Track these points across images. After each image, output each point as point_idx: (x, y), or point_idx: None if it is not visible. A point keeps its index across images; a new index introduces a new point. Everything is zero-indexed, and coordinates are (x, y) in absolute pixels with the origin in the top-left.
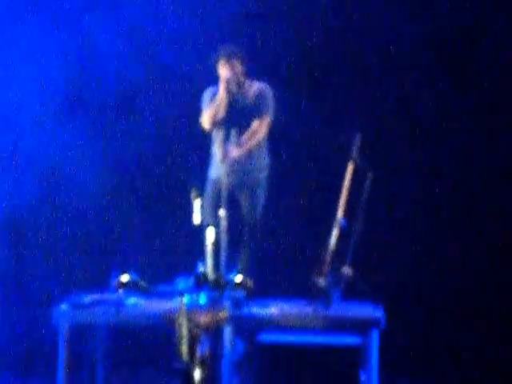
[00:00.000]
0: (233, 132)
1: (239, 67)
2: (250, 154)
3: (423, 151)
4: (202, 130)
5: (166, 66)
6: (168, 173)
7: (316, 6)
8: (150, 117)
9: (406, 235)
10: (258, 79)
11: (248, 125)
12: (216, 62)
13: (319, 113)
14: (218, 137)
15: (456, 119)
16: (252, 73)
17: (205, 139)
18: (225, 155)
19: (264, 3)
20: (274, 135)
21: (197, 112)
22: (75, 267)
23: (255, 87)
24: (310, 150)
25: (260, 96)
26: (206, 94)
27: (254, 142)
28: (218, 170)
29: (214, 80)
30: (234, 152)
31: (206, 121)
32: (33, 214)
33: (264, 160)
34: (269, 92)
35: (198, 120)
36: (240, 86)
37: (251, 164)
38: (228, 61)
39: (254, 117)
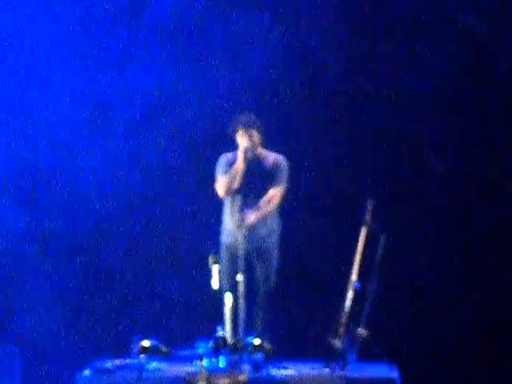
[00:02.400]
0: (249, 200)
1: (257, 137)
2: (263, 221)
3: (434, 214)
4: (216, 196)
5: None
6: (186, 238)
7: (329, 71)
8: (171, 183)
9: (419, 296)
10: (275, 143)
11: (263, 193)
12: (235, 130)
13: (333, 178)
14: (232, 204)
15: (466, 181)
16: (269, 137)
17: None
18: (243, 221)
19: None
20: (289, 200)
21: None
22: (97, 333)
23: (271, 158)
24: (324, 215)
25: (276, 167)
26: (221, 160)
27: (269, 208)
28: (230, 235)
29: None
30: (252, 217)
31: (220, 188)
32: (54, 279)
33: (275, 224)
34: (284, 163)
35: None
36: (257, 155)
37: (264, 230)
38: (247, 130)
39: (270, 186)
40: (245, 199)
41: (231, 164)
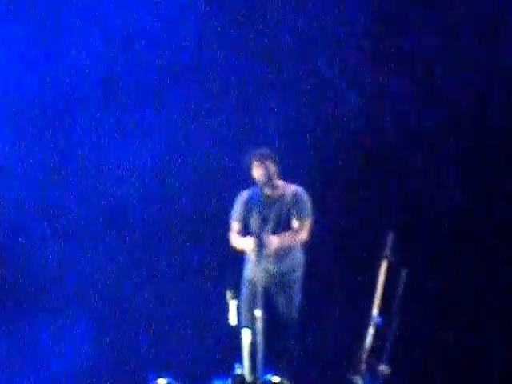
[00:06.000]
0: (270, 232)
1: (272, 168)
2: (284, 255)
3: (456, 247)
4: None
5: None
6: (204, 272)
7: (351, 102)
8: (194, 220)
9: (442, 331)
10: (293, 174)
11: (285, 225)
12: (250, 164)
13: (352, 211)
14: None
15: (490, 215)
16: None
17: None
18: (264, 245)
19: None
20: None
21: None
22: (112, 370)
23: (290, 189)
24: (344, 248)
25: (297, 198)
26: (237, 203)
27: (294, 241)
28: (252, 270)
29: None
30: (275, 242)
31: (232, 241)
32: (70, 317)
33: (299, 260)
34: (305, 195)
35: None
36: (274, 186)
37: (286, 265)
38: (261, 162)
39: (292, 218)
40: (266, 231)
41: (247, 203)
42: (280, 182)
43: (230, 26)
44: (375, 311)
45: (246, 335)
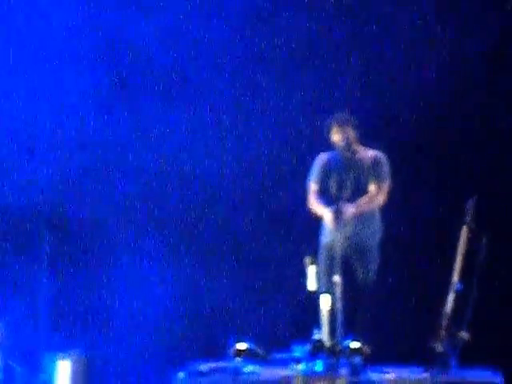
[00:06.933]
0: (349, 198)
1: (352, 133)
2: (363, 220)
3: None
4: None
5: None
6: (282, 239)
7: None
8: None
9: None
10: (374, 141)
11: (363, 190)
12: (329, 128)
13: (433, 178)
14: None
15: None
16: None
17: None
18: (341, 213)
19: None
20: (388, 200)
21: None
22: (193, 335)
23: (370, 154)
24: (425, 215)
25: (376, 163)
26: (316, 164)
27: (371, 206)
28: (330, 235)
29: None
30: (350, 211)
31: (310, 204)
32: (149, 282)
33: (377, 225)
34: (384, 159)
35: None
36: (354, 151)
37: (365, 230)
38: (341, 127)
39: (370, 183)
40: (344, 197)
41: (326, 166)
42: (359, 147)
43: None
44: (456, 277)
45: (325, 301)
